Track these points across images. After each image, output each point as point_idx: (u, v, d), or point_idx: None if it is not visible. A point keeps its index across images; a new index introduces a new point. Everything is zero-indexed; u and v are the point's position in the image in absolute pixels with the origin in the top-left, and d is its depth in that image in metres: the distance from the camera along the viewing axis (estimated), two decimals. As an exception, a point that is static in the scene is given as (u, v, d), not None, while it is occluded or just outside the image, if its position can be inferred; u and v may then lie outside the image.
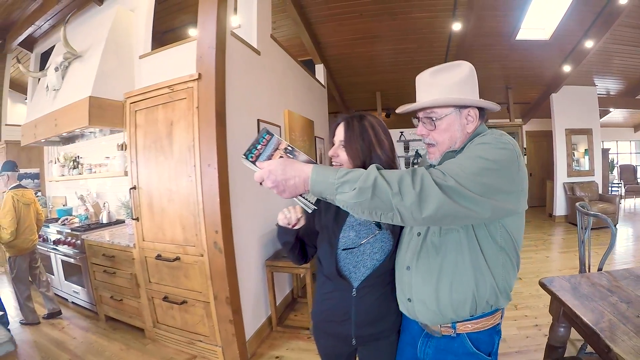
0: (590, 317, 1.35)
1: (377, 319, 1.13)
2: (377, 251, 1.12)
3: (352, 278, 1.13)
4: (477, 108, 0.97)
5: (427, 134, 0.99)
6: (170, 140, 2.39)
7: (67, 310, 3.43)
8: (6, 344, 1.04)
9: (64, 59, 3.25)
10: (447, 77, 0.96)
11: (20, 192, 3.13)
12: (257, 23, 2.92)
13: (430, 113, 0.97)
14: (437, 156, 0.99)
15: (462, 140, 0.97)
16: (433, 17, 5.04)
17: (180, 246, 2.42)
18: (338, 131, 1.16)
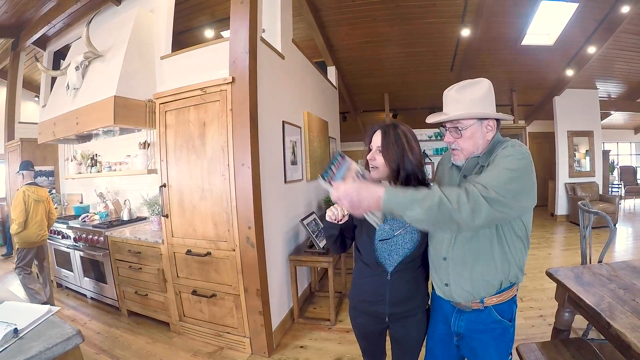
0: (592, 299, 1.56)
1: (407, 298, 1.33)
2: (408, 241, 1.31)
3: (386, 264, 1.32)
4: (495, 119, 1.17)
5: (453, 141, 1.19)
6: (203, 141, 2.47)
7: (86, 307, 3.50)
8: (74, 337, 1.10)
9: (84, 58, 3.31)
10: (470, 92, 1.14)
11: (32, 188, 3.31)
12: (281, 28, 3.02)
13: (457, 124, 1.16)
14: (461, 158, 1.20)
15: (484, 147, 1.17)
16: (443, 22, 5.17)
17: (211, 242, 2.51)
18: (375, 138, 1.32)
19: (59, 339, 1.08)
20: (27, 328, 1.13)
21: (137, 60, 3.11)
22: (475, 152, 1.17)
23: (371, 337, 1.45)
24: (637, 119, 9.33)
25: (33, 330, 1.13)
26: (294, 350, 2.59)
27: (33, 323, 1.17)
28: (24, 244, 3.23)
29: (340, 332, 2.83)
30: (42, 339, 1.07)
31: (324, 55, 5.67)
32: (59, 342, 1.07)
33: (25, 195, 3.22)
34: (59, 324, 1.19)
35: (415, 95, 7.64)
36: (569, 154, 6.77)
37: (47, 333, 1.11)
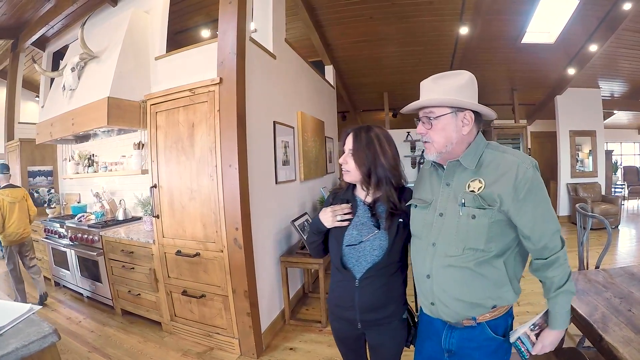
0: (585, 309, 1.48)
1: (378, 306, 1.27)
2: (376, 248, 1.26)
3: (354, 270, 1.28)
4: (474, 113, 1.06)
5: (425, 132, 1.09)
6: (192, 142, 2.48)
7: (82, 305, 3.54)
8: (50, 336, 1.13)
9: (80, 59, 3.33)
10: (447, 82, 1.06)
11: (7, 191, 3.50)
12: (272, 28, 3.01)
13: (429, 113, 1.07)
14: (432, 152, 1.09)
15: (459, 142, 1.06)
16: (441, 20, 5.13)
17: (200, 242, 2.52)
18: (347, 141, 1.30)
19: (36, 336, 1.11)
20: (7, 326, 1.16)
21: (131, 60, 3.12)
22: (447, 147, 1.06)
23: (348, 342, 1.42)
24: (641, 118, 9.21)
25: (13, 328, 1.16)
26: (283, 352, 2.59)
27: (13, 321, 1.19)
28: (7, 242, 3.46)
29: (331, 335, 2.74)
30: (20, 337, 1.11)
31: (321, 54, 5.65)
32: (35, 340, 1.10)
33: (0, 200, 3.40)
34: (37, 322, 1.21)
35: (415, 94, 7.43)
36: (571, 153, 6.68)
37: (25, 331, 1.14)
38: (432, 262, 1.09)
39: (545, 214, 1.01)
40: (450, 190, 1.09)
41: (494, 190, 1.00)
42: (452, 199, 1.07)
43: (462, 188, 1.05)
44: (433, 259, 1.09)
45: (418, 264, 1.16)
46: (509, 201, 0.99)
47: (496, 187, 1.00)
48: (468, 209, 1.02)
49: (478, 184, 1.03)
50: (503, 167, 1.02)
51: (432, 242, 1.09)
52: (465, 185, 1.05)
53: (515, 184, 0.98)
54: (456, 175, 1.08)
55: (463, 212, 1.03)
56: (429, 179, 1.19)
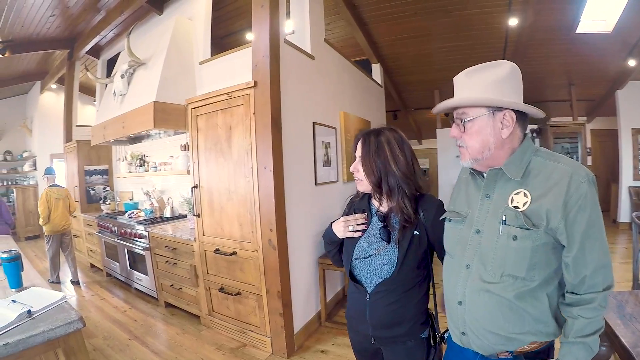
0: (629, 338, 1.24)
1: (392, 324, 1.17)
2: (386, 263, 1.16)
3: (366, 284, 1.20)
4: (516, 112, 0.89)
5: (459, 136, 0.94)
6: (230, 144, 2.56)
7: (129, 296, 3.80)
8: (76, 322, 1.24)
9: (128, 66, 3.57)
10: (483, 76, 0.90)
11: (53, 189, 4.20)
12: (310, 28, 3.01)
13: (462, 114, 0.92)
14: (466, 159, 0.95)
15: (498, 147, 0.90)
16: (488, 12, 4.84)
17: (237, 242, 2.59)
18: (358, 147, 1.21)
19: (62, 322, 1.22)
20: (40, 311, 1.28)
21: (176, 66, 3.29)
22: (484, 153, 0.90)
23: (364, 355, 1.34)
24: None
25: (45, 313, 1.28)
26: (314, 354, 2.59)
27: (46, 307, 1.32)
28: (50, 232, 4.10)
29: None
30: (49, 321, 1.22)
31: (367, 52, 5.56)
32: (62, 325, 1.20)
33: (48, 196, 4.09)
34: (67, 309, 1.33)
35: None
36: (634, 154, 6.05)
37: (54, 316, 1.26)
38: (466, 287, 0.94)
39: (595, 242, 0.84)
40: (490, 203, 0.93)
41: (542, 206, 0.84)
42: (492, 214, 0.92)
43: (504, 202, 0.90)
44: (467, 283, 0.94)
45: (449, 286, 1.02)
46: (557, 219, 0.83)
47: (545, 201, 0.84)
48: (509, 227, 0.87)
49: (523, 198, 0.87)
50: (554, 177, 0.85)
51: (466, 264, 0.95)
52: (509, 198, 0.89)
53: (566, 199, 0.82)
54: (498, 186, 0.92)
55: (503, 231, 0.88)
56: (466, 188, 1.04)
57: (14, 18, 4.30)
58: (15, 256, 1.60)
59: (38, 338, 1.14)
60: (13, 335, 1.11)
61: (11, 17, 4.26)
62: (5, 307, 1.27)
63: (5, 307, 1.28)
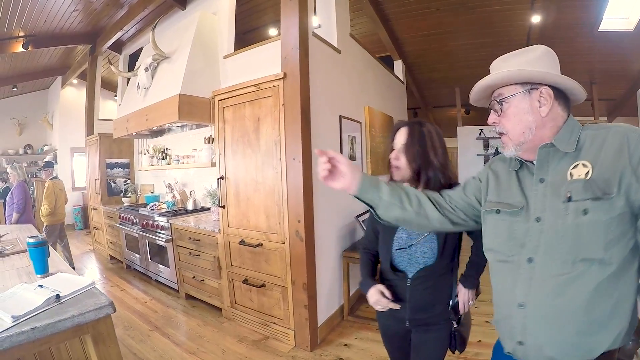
0: None
1: (428, 305, 1.25)
2: (427, 251, 1.24)
3: (407, 271, 1.27)
4: (553, 90, 0.82)
5: (497, 121, 0.89)
6: (257, 135, 2.57)
7: (149, 288, 3.83)
8: (106, 307, 1.21)
9: (152, 60, 3.61)
10: (517, 58, 0.87)
11: (57, 182, 4.37)
12: (336, 23, 3.02)
13: (498, 96, 0.88)
14: (509, 147, 0.88)
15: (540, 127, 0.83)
16: (510, 10, 4.80)
17: (263, 233, 2.60)
18: (398, 136, 1.27)
19: (93, 307, 1.18)
20: (68, 295, 1.26)
21: (200, 59, 3.32)
22: (525, 134, 0.84)
23: (394, 339, 1.42)
24: None
25: (74, 298, 1.26)
26: (337, 347, 2.58)
27: (75, 292, 1.29)
28: (53, 222, 4.23)
29: None
30: (79, 306, 1.19)
31: (389, 49, 5.56)
32: (92, 310, 1.17)
33: (55, 187, 4.24)
34: (97, 294, 1.30)
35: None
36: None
37: (84, 301, 1.23)
38: (530, 284, 0.82)
39: None
40: (547, 186, 0.83)
41: (607, 170, 0.75)
42: (552, 195, 0.81)
43: (563, 180, 0.80)
44: (531, 280, 0.82)
45: (503, 289, 0.90)
46: (627, 177, 0.73)
47: (607, 165, 0.75)
48: (577, 203, 0.76)
49: (583, 168, 0.77)
50: (610, 141, 0.77)
51: (528, 258, 0.83)
52: (567, 174, 0.80)
53: (630, 155, 0.73)
54: (551, 166, 0.83)
55: (570, 209, 0.77)
56: (507, 179, 0.94)
57: (37, 12, 4.38)
58: (41, 241, 1.57)
59: (67, 323, 1.11)
60: (41, 320, 1.08)
61: (34, 12, 4.35)
62: (32, 292, 1.25)
63: (32, 291, 1.25)
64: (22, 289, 1.30)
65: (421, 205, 0.97)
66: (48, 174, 4.42)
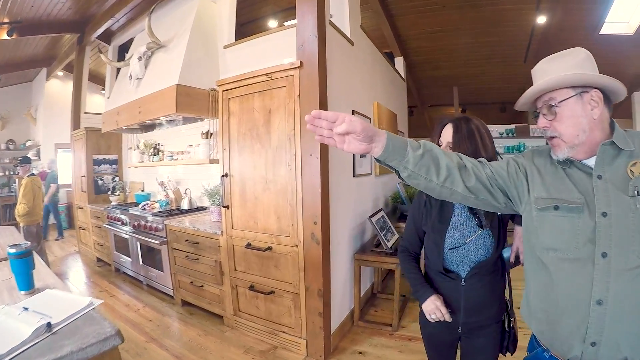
0: None
1: (484, 306, 1.22)
2: (481, 247, 1.21)
3: (460, 271, 1.23)
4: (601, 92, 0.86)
5: (548, 125, 0.90)
6: (268, 129, 2.37)
7: (141, 293, 3.56)
8: (112, 338, 0.97)
9: (147, 48, 3.37)
10: (563, 61, 0.89)
11: (35, 178, 4.10)
12: (349, 13, 2.85)
13: (549, 100, 0.89)
14: (562, 149, 0.88)
15: (592, 129, 0.86)
16: (517, 9, 4.76)
17: (273, 236, 2.40)
18: (445, 132, 1.25)
19: (95, 338, 0.95)
20: (62, 323, 1.02)
21: (199, 49, 3.11)
22: (580, 137, 0.85)
23: (442, 347, 1.35)
24: None
25: (69, 326, 1.01)
26: (351, 355, 2.43)
27: (70, 317, 1.05)
28: (31, 222, 3.94)
29: (402, 340, 2.63)
30: (77, 337, 0.95)
31: (391, 45, 5.44)
32: (95, 343, 0.93)
33: (33, 184, 3.98)
34: (98, 320, 1.06)
35: (486, 89, 7.21)
36: (651, 159, 6.01)
37: (83, 330, 0.99)
38: (609, 280, 0.79)
39: None
40: (606, 182, 0.83)
41: None
42: (615, 191, 0.82)
43: (624, 176, 0.82)
44: (609, 276, 0.79)
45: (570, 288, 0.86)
46: None
47: None
48: None
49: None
50: None
51: (602, 252, 0.81)
52: (627, 171, 0.82)
53: None
54: (608, 164, 0.85)
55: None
56: (554, 174, 0.93)
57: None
58: (25, 251, 1.32)
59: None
60: (31, 359, 0.84)
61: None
62: (16, 318, 1.00)
63: (16, 317, 1.01)
64: (4, 313, 1.05)
65: (450, 178, 0.90)
66: (25, 170, 4.10)
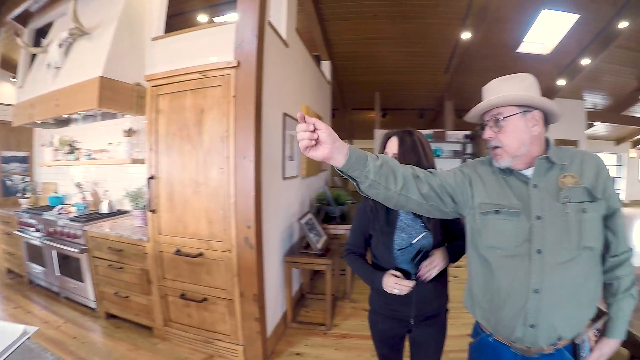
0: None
1: (433, 297, 1.33)
2: (427, 246, 1.31)
3: (410, 268, 1.31)
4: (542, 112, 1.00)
5: (493, 136, 1.01)
6: (200, 129, 2.26)
7: (59, 307, 3.17)
8: None
9: (69, 34, 3.04)
10: (514, 82, 1.00)
11: None
12: (287, 15, 2.83)
13: (497, 114, 0.99)
14: (504, 158, 1.00)
15: (532, 144, 0.99)
16: (444, 24, 5.13)
17: (204, 241, 2.29)
18: (390, 144, 1.33)
19: None
20: None
21: (127, 40, 2.86)
22: (521, 149, 0.98)
23: (393, 342, 1.43)
24: (619, 131, 9.65)
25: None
26: (289, 357, 2.43)
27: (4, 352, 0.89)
28: None
29: (336, 338, 2.70)
30: None
31: (320, 48, 5.51)
32: None
33: None
34: (37, 352, 0.91)
35: (407, 95, 7.66)
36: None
37: None
38: (544, 272, 0.93)
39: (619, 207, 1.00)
40: (541, 190, 0.97)
41: (591, 182, 0.95)
42: (549, 198, 0.96)
43: (555, 186, 0.96)
44: (544, 268, 0.93)
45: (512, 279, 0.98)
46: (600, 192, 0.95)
47: (591, 179, 0.96)
48: (576, 204, 0.93)
49: (572, 179, 0.95)
50: (588, 162, 0.98)
51: (537, 250, 0.94)
52: (558, 182, 0.96)
53: (597, 173, 0.96)
54: (543, 175, 0.98)
55: (571, 209, 0.93)
56: (496, 183, 1.04)
57: None
58: None
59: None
60: None
61: None
62: None
63: None
64: None
65: (406, 186, 0.97)
66: None
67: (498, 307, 1.01)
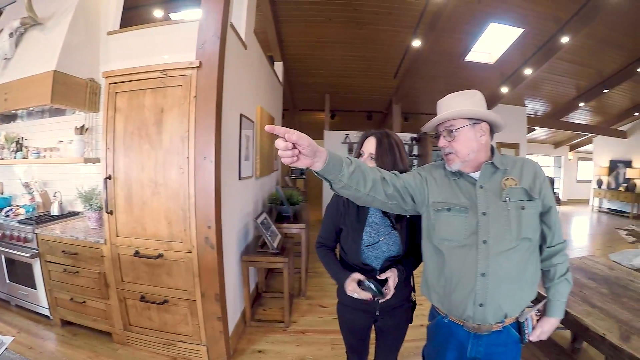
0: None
1: (397, 290, 1.34)
2: (393, 244, 1.38)
3: (375, 264, 1.39)
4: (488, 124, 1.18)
5: (447, 144, 1.17)
6: (159, 129, 2.24)
7: (10, 316, 2.96)
8: None
9: (21, 24, 2.85)
10: (465, 97, 1.17)
11: None
12: (246, 16, 2.86)
13: (450, 126, 1.15)
14: (455, 162, 1.16)
15: (479, 151, 1.16)
16: (396, 31, 5.37)
17: (164, 242, 2.28)
18: (368, 144, 1.39)
19: None
20: None
21: (82, 33, 2.73)
22: (470, 155, 1.15)
23: (360, 332, 1.51)
24: (558, 135, 10.59)
25: None
26: (252, 355, 2.48)
27: None
28: None
29: (296, 334, 2.79)
30: None
31: (273, 49, 5.59)
32: None
33: None
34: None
35: (356, 98, 7.86)
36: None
37: None
38: (488, 259, 1.09)
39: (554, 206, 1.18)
40: (486, 191, 1.14)
41: (529, 184, 1.13)
42: (493, 197, 1.13)
43: (499, 187, 1.14)
44: (489, 255, 1.09)
45: (462, 265, 1.13)
46: (536, 192, 1.13)
47: (529, 181, 1.14)
48: (515, 202, 1.10)
49: (512, 181, 1.13)
50: (525, 166, 1.17)
51: (482, 240, 1.10)
52: (501, 184, 1.14)
53: (534, 177, 1.14)
54: (489, 178, 1.16)
55: (511, 206, 1.10)
56: (448, 184, 1.21)
57: None
58: None
59: None
60: None
61: None
62: None
63: None
64: None
65: (374, 188, 1.08)
66: None
67: (451, 290, 1.17)
